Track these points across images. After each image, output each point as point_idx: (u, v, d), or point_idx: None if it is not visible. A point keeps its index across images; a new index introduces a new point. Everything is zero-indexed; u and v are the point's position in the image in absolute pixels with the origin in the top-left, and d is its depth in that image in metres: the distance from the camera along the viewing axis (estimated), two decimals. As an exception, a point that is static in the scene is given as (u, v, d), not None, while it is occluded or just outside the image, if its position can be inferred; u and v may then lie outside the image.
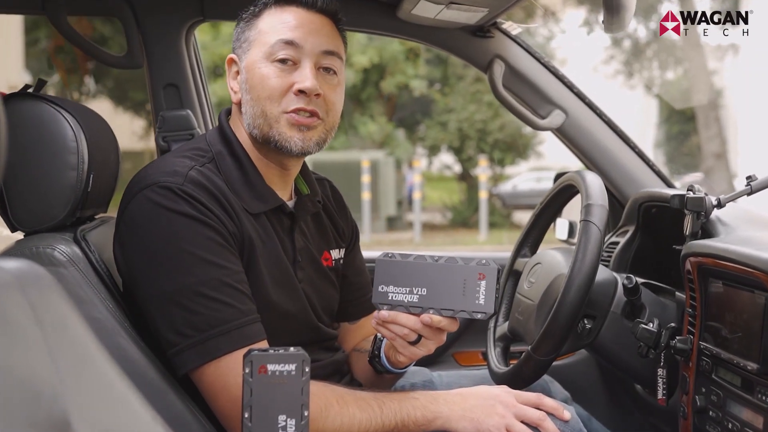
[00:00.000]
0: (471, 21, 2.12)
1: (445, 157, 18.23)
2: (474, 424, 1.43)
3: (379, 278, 1.37)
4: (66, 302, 0.99)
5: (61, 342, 0.93)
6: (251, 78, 1.53)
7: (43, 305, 0.93)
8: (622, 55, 17.59)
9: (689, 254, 1.63)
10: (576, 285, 1.62)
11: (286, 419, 1.08)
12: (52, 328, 0.92)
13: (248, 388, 1.07)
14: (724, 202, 1.69)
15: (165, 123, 2.13)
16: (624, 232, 2.16)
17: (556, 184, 1.98)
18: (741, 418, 1.43)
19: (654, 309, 1.78)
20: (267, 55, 1.51)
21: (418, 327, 1.38)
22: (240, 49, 1.58)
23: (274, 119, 1.50)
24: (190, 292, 1.37)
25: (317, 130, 1.53)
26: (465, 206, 16.76)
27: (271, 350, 1.09)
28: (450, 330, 1.40)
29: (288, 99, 1.50)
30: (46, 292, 0.96)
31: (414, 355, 1.47)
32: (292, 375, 1.08)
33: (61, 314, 0.97)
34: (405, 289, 1.37)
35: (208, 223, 1.41)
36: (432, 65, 16.79)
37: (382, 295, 1.37)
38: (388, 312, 1.38)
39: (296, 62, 1.51)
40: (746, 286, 1.45)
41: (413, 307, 1.37)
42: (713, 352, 1.54)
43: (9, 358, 0.82)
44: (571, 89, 2.28)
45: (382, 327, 1.41)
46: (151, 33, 2.15)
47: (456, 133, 16.07)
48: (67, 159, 1.50)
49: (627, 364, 1.82)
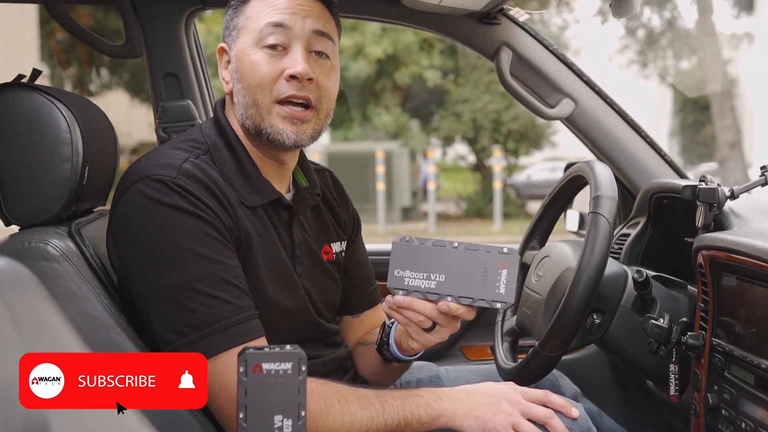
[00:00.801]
0: (477, 7, 2.08)
1: (459, 148, 18.33)
2: (479, 422, 1.41)
3: (395, 262, 1.33)
4: (47, 301, 0.97)
5: (40, 342, 0.91)
6: (241, 66, 1.49)
7: (21, 305, 0.91)
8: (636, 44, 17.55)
9: (701, 247, 1.60)
10: (584, 279, 1.59)
11: (282, 419, 1.05)
12: (31, 328, 0.91)
13: (243, 387, 1.04)
14: (738, 193, 1.66)
15: (165, 113, 2.12)
16: (635, 223, 2.14)
17: (565, 174, 1.96)
18: (755, 417, 1.41)
19: (665, 303, 1.75)
20: (256, 41, 1.48)
21: (434, 314, 1.35)
22: (229, 37, 1.54)
23: (265, 110, 1.47)
24: (186, 289, 1.34)
25: (310, 122, 1.50)
26: (479, 197, 16.89)
27: (266, 348, 1.07)
28: (467, 318, 1.37)
29: (279, 86, 1.47)
30: (24, 291, 0.94)
31: (428, 342, 1.43)
32: (288, 374, 1.06)
33: (40, 313, 0.95)
34: (422, 274, 1.33)
35: (202, 217, 1.38)
36: (446, 55, 16.88)
37: (398, 280, 1.33)
38: (404, 297, 1.34)
39: (286, 47, 1.48)
40: (761, 281, 1.42)
41: (430, 293, 1.33)
42: (726, 349, 1.51)
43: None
44: (581, 77, 2.24)
45: (396, 312, 1.38)
46: (149, 21, 2.13)
47: (470, 123, 16.19)
48: (61, 151, 1.48)
49: (637, 360, 1.79)
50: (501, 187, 15.05)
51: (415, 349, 1.50)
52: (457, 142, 17.53)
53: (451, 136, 17.01)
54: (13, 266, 0.97)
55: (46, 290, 1.00)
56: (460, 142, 17.45)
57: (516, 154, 16.74)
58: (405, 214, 15.89)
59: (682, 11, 18.97)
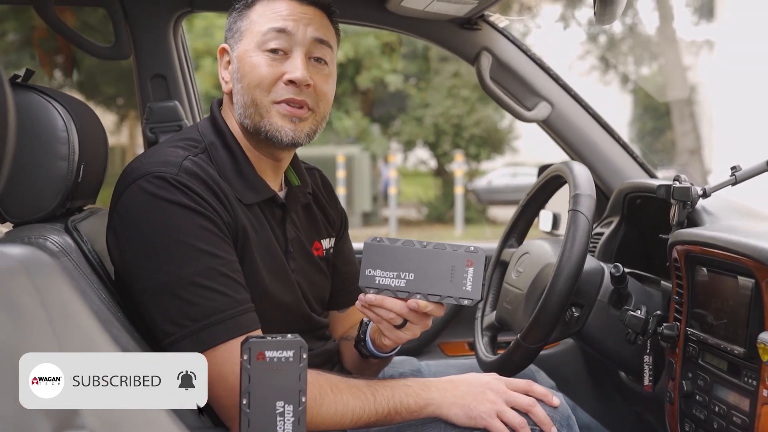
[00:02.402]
0: (460, 13, 2.14)
1: (421, 153, 18.26)
2: (465, 410, 1.44)
3: (366, 262, 1.37)
4: (70, 288, 1.00)
5: (65, 325, 0.94)
6: (242, 67, 1.54)
7: (48, 289, 0.94)
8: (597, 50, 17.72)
9: (676, 242, 1.65)
10: (565, 273, 1.63)
11: (284, 405, 1.10)
12: (57, 311, 0.93)
13: (246, 374, 1.08)
14: (710, 192, 1.72)
15: (153, 114, 2.14)
16: (609, 222, 2.19)
17: (544, 174, 2.00)
18: (727, 401, 1.46)
19: (640, 297, 1.80)
20: (258, 44, 1.52)
21: (404, 311, 1.39)
22: (232, 39, 1.59)
23: (264, 109, 1.52)
24: (186, 282, 1.37)
25: (308, 121, 1.55)
26: (440, 202, 16.79)
27: (268, 337, 1.11)
28: (436, 315, 1.41)
29: (278, 89, 1.51)
30: (50, 277, 0.97)
31: (399, 339, 1.47)
32: (289, 361, 1.10)
33: (65, 299, 0.98)
34: (392, 273, 1.37)
35: (202, 213, 1.41)
36: (408, 60, 16.79)
37: (369, 279, 1.37)
38: (374, 295, 1.38)
39: (287, 52, 1.52)
40: (733, 273, 1.47)
41: (400, 291, 1.37)
42: (700, 338, 1.56)
43: (17, 340, 0.84)
44: (557, 81, 2.31)
45: (368, 310, 1.41)
46: (139, 23, 2.15)
47: (431, 128, 16.10)
48: (58, 149, 1.50)
49: (613, 352, 1.84)
50: (462, 192, 14.99)
51: (388, 345, 1.54)
52: (419, 146, 17.48)
53: (413, 140, 16.91)
54: (38, 254, 1.00)
55: (68, 278, 1.04)
56: (422, 146, 17.38)
57: (478, 159, 16.66)
58: (366, 218, 15.81)
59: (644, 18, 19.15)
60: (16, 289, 0.89)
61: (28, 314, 0.88)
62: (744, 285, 1.43)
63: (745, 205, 1.87)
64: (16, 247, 0.97)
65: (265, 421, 1.09)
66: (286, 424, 1.10)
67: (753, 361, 1.39)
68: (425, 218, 16.89)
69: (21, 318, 0.86)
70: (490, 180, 18.79)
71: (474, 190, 17.94)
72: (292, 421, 1.10)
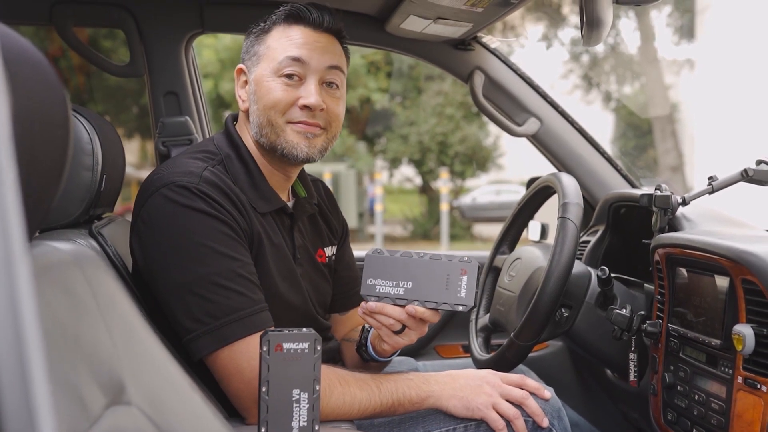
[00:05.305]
0: (455, 35, 2.24)
1: (406, 170, 18.27)
2: (463, 402, 1.53)
3: (367, 272, 1.47)
4: (113, 281, 1.09)
5: (113, 315, 1.03)
6: (259, 90, 1.63)
7: (97, 281, 1.04)
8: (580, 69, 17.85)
9: (658, 246, 1.75)
10: (555, 276, 1.73)
11: (300, 393, 1.18)
12: (106, 302, 1.03)
13: (265, 364, 1.16)
14: (689, 200, 1.81)
15: (165, 129, 2.22)
16: (595, 231, 2.26)
17: (534, 185, 2.09)
18: (707, 389, 1.56)
19: (625, 299, 1.89)
20: (275, 70, 1.62)
21: (402, 318, 1.48)
22: (249, 61, 1.68)
23: (280, 129, 1.62)
24: (206, 282, 1.46)
25: (321, 138, 1.65)
26: (426, 219, 16.79)
27: (286, 330, 1.19)
28: (432, 321, 1.50)
29: (293, 111, 1.62)
30: (97, 270, 1.06)
31: (397, 344, 1.57)
32: (305, 352, 1.18)
33: (111, 290, 1.07)
34: (392, 282, 1.46)
35: (222, 219, 1.51)
36: (393, 78, 16.84)
37: (370, 288, 1.47)
38: (375, 303, 1.48)
39: (302, 78, 1.62)
40: (710, 272, 1.57)
41: (399, 299, 1.46)
42: (680, 333, 1.65)
43: (77, 327, 0.92)
44: (545, 98, 2.41)
45: (369, 317, 1.51)
46: (153, 44, 2.23)
47: (417, 145, 16.09)
48: (83, 160, 1.57)
49: (600, 350, 1.94)
50: (448, 209, 14.94)
51: (387, 351, 1.63)
52: (404, 164, 17.50)
53: (398, 158, 16.92)
54: (85, 249, 1.10)
55: (111, 271, 1.13)
56: (407, 164, 17.39)
57: (463, 176, 16.71)
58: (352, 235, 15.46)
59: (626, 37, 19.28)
60: (70, 279, 0.97)
61: (83, 304, 0.96)
62: (720, 283, 1.52)
63: (722, 212, 1.95)
64: (66, 243, 1.07)
65: (282, 408, 1.17)
66: (302, 410, 1.18)
67: (729, 351, 1.48)
68: (411, 235, 16.87)
69: (78, 307, 0.95)
70: (475, 197, 18.77)
71: (459, 207, 17.92)
72: (306, 408, 1.18)
